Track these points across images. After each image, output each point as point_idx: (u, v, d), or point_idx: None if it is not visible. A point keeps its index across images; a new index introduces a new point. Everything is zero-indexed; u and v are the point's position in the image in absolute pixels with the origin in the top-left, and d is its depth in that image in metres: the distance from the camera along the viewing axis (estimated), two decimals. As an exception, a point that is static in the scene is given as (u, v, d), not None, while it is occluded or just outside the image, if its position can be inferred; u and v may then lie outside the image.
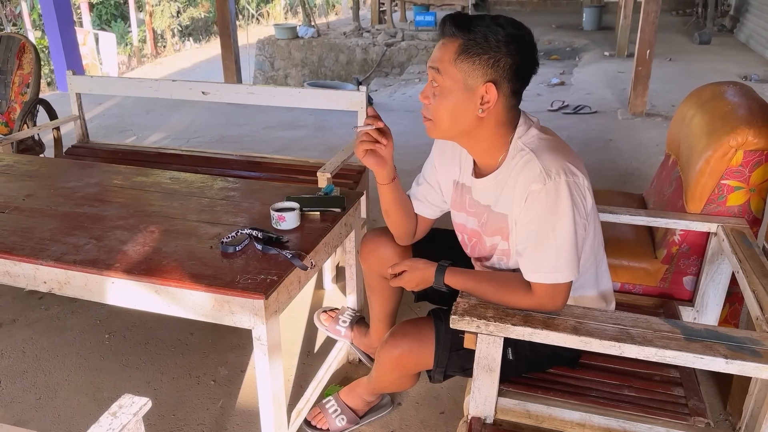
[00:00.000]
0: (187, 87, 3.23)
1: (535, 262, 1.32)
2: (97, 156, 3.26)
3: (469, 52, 1.26)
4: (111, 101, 6.28)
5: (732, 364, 1.19)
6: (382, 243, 1.73)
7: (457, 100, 1.30)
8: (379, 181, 1.54)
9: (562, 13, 12.84)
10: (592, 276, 1.50)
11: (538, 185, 1.28)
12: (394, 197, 1.58)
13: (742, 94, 1.98)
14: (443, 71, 1.29)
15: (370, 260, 1.78)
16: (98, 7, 14.51)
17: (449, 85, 1.29)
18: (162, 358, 2.23)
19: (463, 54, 1.27)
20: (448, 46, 1.29)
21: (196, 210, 1.91)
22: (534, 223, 1.30)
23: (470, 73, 1.27)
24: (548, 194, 1.27)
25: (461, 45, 1.27)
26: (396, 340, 1.55)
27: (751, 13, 8.97)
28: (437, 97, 1.32)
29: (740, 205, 1.81)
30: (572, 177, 1.28)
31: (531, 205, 1.30)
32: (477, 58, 1.26)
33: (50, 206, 1.94)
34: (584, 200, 1.32)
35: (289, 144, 4.91)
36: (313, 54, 10.73)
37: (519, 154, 1.34)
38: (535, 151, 1.31)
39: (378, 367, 1.66)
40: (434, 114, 1.34)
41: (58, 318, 2.48)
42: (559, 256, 1.29)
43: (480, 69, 1.27)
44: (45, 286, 1.65)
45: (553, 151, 1.31)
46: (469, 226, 1.54)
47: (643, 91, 5.34)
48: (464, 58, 1.27)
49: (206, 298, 1.48)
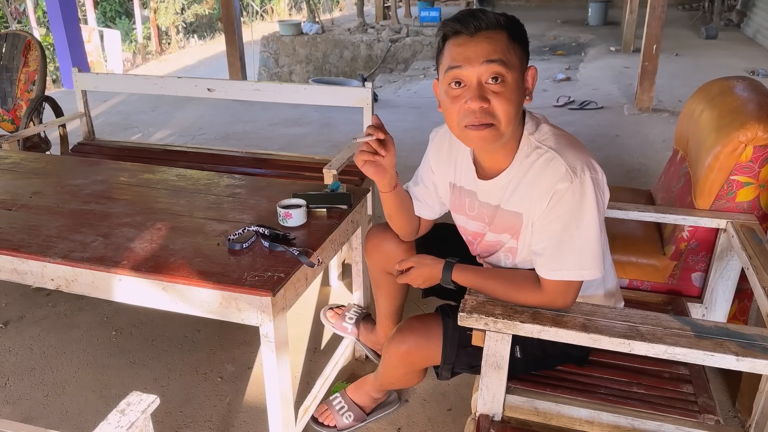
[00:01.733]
0: (192, 84, 3.22)
1: (558, 260, 1.29)
2: (103, 153, 3.26)
3: (517, 39, 1.24)
4: (116, 98, 6.29)
5: (743, 362, 1.18)
6: (386, 238, 1.73)
7: (521, 90, 1.26)
8: (380, 189, 1.53)
9: (567, 8, 12.79)
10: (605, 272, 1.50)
11: (565, 184, 1.25)
12: (395, 203, 1.57)
13: (752, 89, 1.96)
14: (508, 61, 1.21)
15: (375, 256, 1.78)
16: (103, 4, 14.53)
17: (515, 76, 1.22)
18: (169, 354, 2.24)
19: (513, 42, 1.23)
20: (498, 37, 1.21)
21: (203, 207, 1.91)
22: (559, 221, 1.28)
23: (522, 58, 1.25)
24: (575, 192, 1.25)
25: (509, 35, 1.23)
26: (403, 336, 1.54)
27: (758, 7, 8.90)
28: (503, 95, 1.21)
29: (750, 200, 1.80)
30: (595, 173, 1.28)
31: (557, 203, 1.27)
32: (523, 45, 1.25)
33: (57, 204, 1.94)
34: (604, 196, 1.32)
35: (295, 141, 4.91)
36: (318, 50, 10.73)
37: (536, 152, 1.31)
38: (557, 149, 1.29)
39: (385, 362, 1.66)
40: (502, 114, 1.23)
41: (66, 315, 2.49)
42: (584, 253, 1.28)
43: (525, 54, 1.27)
44: (52, 283, 1.65)
45: (574, 148, 1.30)
46: (470, 228, 1.53)
47: (649, 87, 5.31)
48: (516, 45, 1.23)
49: (213, 296, 1.48)
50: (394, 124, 5.20)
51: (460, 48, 1.22)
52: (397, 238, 1.72)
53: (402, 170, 1.63)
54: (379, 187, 1.52)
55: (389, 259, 1.73)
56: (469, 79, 1.22)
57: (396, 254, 1.71)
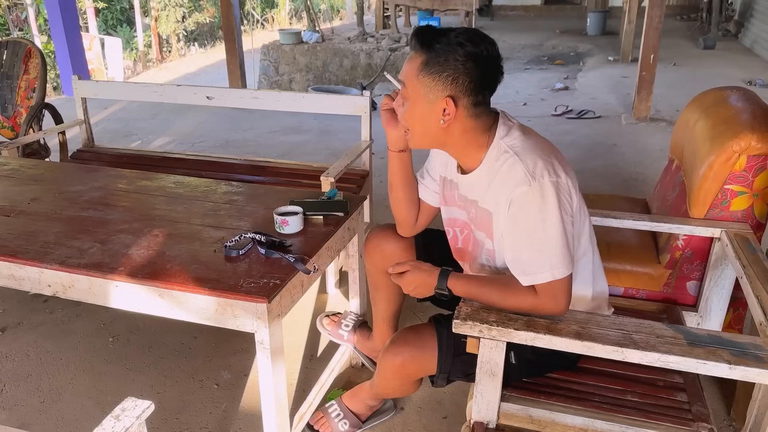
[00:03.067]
0: (191, 92, 3.24)
1: (529, 266, 1.33)
2: (102, 160, 3.27)
3: (430, 69, 1.32)
4: (116, 106, 6.31)
5: (735, 370, 1.18)
6: (386, 239, 1.75)
7: (422, 111, 1.37)
8: (389, 147, 1.59)
9: (566, 18, 12.85)
10: (588, 275, 1.51)
11: (523, 188, 1.31)
12: (400, 169, 1.62)
13: (746, 99, 1.98)
14: (408, 84, 1.37)
15: (375, 256, 1.79)
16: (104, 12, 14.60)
17: (413, 97, 1.37)
18: (166, 361, 2.24)
19: (425, 70, 1.33)
20: (414, 61, 1.35)
21: (200, 214, 1.92)
22: (522, 227, 1.33)
23: (431, 88, 1.34)
24: (534, 196, 1.30)
25: (423, 62, 1.33)
26: (397, 348, 1.55)
27: (756, 18, 8.95)
28: (405, 107, 1.40)
29: (744, 210, 1.81)
30: (556, 177, 1.32)
31: (518, 209, 1.33)
32: (437, 75, 1.32)
33: (55, 210, 1.95)
34: (570, 199, 1.34)
35: (294, 148, 4.93)
36: (318, 59, 10.76)
37: (503, 156, 1.37)
38: (519, 154, 1.35)
39: (380, 374, 1.67)
40: (406, 123, 1.42)
41: (63, 321, 2.49)
42: (553, 255, 1.31)
43: (440, 85, 1.33)
44: (49, 289, 1.65)
45: (536, 152, 1.35)
46: (461, 219, 1.56)
47: (647, 96, 5.33)
48: (426, 74, 1.33)
49: (209, 302, 1.49)
50: (392, 133, 5.21)
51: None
52: (397, 238, 1.74)
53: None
54: (389, 143, 1.58)
55: (389, 260, 1.74)
56: None
57: (396, 255, 1.73)
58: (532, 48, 9.76)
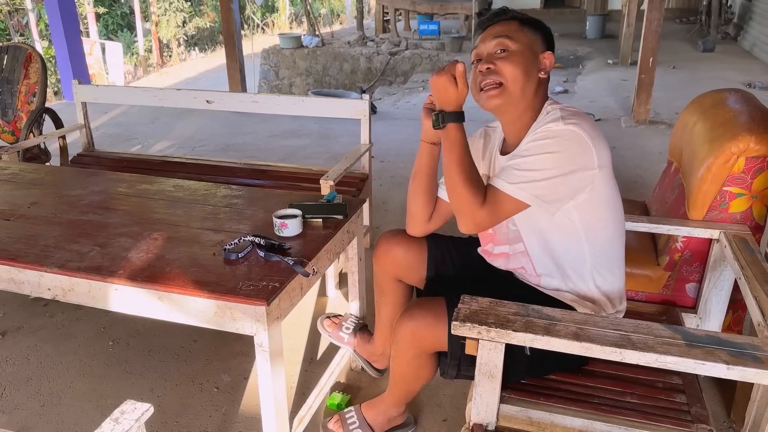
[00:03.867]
0: (191, 96, 3.25)
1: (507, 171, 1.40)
2: (103, 164, 3.29)
3: (530, 26, 1.49)
4: (117, 110, 6.33)
5: (733, 370, 1.18)
6: (397, 243, 1.75)
7: (528, 60, 1.45)
8: (422, 138, 1.61)
9: (565, 21, 12.88)
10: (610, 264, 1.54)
11: (552, 123, 1.40)
12: (429, 161, 1.63)
13: (744, 101, 1.98)
14: (513, 37, 1.45)
15: (385, 261, 1.78)
16: (105, 18, 14.65)
17: (520, 47, 1.45)
18: (165, 365, 2.24)
19: (526, 26, 1.48)
20: (508, 23, 1.48)
21: (200, 217, 1.92)
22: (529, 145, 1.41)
23: (534, 40, 1.48)
24: (556, 130, 1.38)
25: (521, 21, 1.48)
26: (411, 313, 1.53)
27: (755, 20, 8.97)
28: (508, 59, 1.44)
29: (742, 211, 1.81)
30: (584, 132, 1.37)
31: (537, 134, 1.41)
32: (537, 32, 1.49)
33: (55, 214, 1.96)
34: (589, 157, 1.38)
35: (294, 152, 4.94)
36: (318, 63, 10.79)
37: (547, 116, 1.46)
38: (560, 110, 1.44)
39: (395, 348, 1.61)
40: (507, 74, 1.44)
41: (63, 325, 2.49)
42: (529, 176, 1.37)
43: (539, 40, 1.49)
44: (49, 293, 1.66)
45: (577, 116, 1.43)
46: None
47: (646, 99, 5.35)
48: (527, 29, 1.48)
49: (208, 305, 1.49)
50: (391, 136, 5.23)
51: (482, 34, 1.51)
52: (408, 243, 1.74)
53: (401, 182, 1.65)
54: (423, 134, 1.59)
55: (399, 266, 1.75)
56: (483, 53, 1.48)
57: (407, 260, 1.74)
58: (532, 51, 9.75)
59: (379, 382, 2.08)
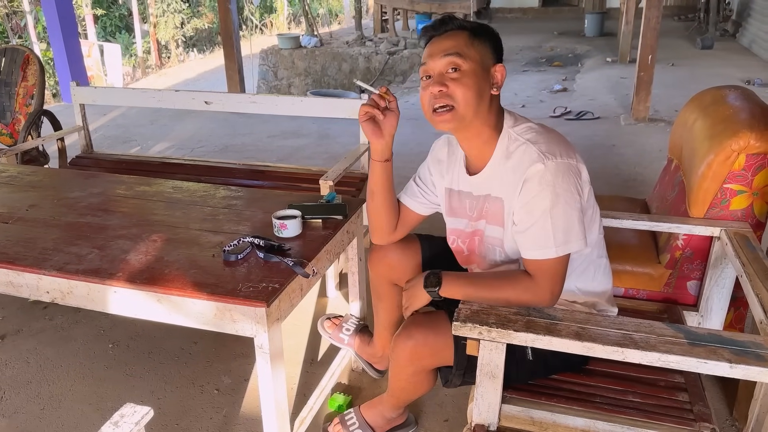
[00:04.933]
0: (190, 97, 3.24)
1: (543, 238, 1.35)
2: (101, 166, 3.28)
3: (479, 37, 1.39)
4: (115, 112, 6.32)
5: (736, 369, 1.18)
6: (391, 248, 1.74)
7: (480, 78, 1.38)
8: (372, 156, 1.57)
9: (564, 19, 12.87)
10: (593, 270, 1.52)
11: (538, 166, 1.33)
12: (382, 178, 1.59)
13: (744, 98, 1.97)
14: (464, 54, 1.37)
15: (380, 267, 1.77)
16: (103, 19, 14.63)
17: (472, 66, 1.37)
18: (165, 367, 2.23)
19: (476, 38, 1.38)
20: (458, 35, 1.38)
21: (199, 219, 1.92)
22: (534, 203, 1.35)
23: (484, 54, 1.39)
24: (548, 173, 1.33)
25: (470, 33, 1.39)
26: (409, 331, 1.51)
27: (753, 17, 8.96)
28: (459, 80, 1.37)
29: (743, 209, 1.81)
30: (568, 159, 1.35)
31: (531, 186, 1.34)
32: (487, 42, 1.40)
33: (53, 216, 1.95)
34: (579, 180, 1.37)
35: (293, 152, 4.93)
36: (317, 63, 10.78)
37: (514, 143, 1.40)
38: (530, 140, 1.39)
39: (393, 363, 1.60)
40: (460, 97, 1.37)
41: (63, 328, 2.49)
42: (559, 232, 1.33)
43: (489, 51, 1.40)
44: (48, 296, 1.65)
45: (548, 139, 1.39)
46: (468, 230, 1.55)
47: (645, 97, 5.34)
48: (478, 42, 1.39)
49: (208, 307, 1.48)
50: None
51: (429, 47, 1.41)
52: (402, 248, 1.73)
53: (401, 182, 1.65)
54: (372, 153, 1.56)
55: (394, 271, 1.74)
56: (434, 71, 1.39)
57: (401, 265, 1.72)
58: (530, 50, 9.77)
59: (380, 383, 2.07)
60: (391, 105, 1.49)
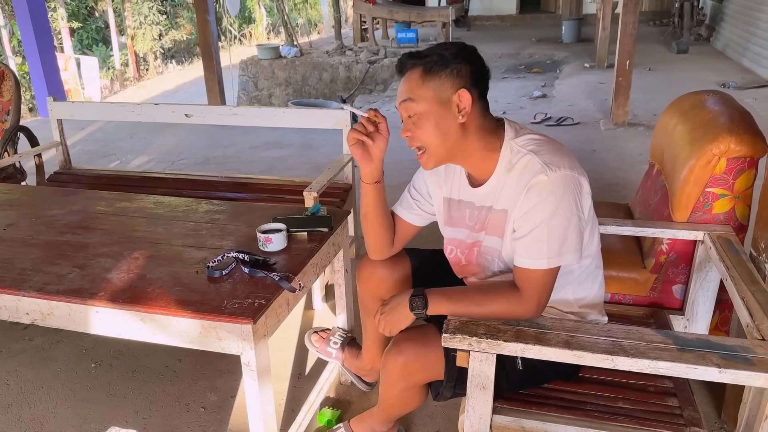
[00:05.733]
0: (170, 110, 3.21)
1: (530, 248, 1.35)
2: (80, 182, 3.23)
3: (432, 71, 1.36)
4: (93, 126, 6.24)
5: (725, 374, 1.18)
6: (381, 264, 1.72)
7: (437, 116, 1.37)
8: (363, 179, 1.57)
9: (541, 26, 13.01)
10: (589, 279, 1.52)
11: (541, 177, 1.33)
12: (374, 200, 1.59)
13: (722, 103, 2.00)
14: (415, 97, 1.37)
15: (369, 283, 1.75)
16: (79, 32, 14.50)
17: (425, 106, 1.37)
18: (150, 386, 2.19)
19: (427, 75, 1.36)
20: (412, 76, 1.38)
21: (182, 234, 1.89)
22: (536, 213, 1.34)
23: (440, 87, 1.36)
24: (551, 185, 1.33)
25: (423, 69, 1.37)
26: (400, 347, 1.50)
27: (726, 21, 9.13)
28: (418, 124, 1.38)
29: (726, 212, 1.82)
30: (571, 172, 1.35)
31: (533, 195, 1.34)
32: (441, 73, 1.36)
33: (32, 235, 1.91)
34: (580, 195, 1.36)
35: (275, 163, 4.90)
36: (297, 73, 10.76)
37: (517, 155, 1.39)
38: (533, 151, 1.38)
39: (383, 379, 1.59)
40: (423, 140, 1.39)
41: (43, 349, 2.43)
42: (553, 244, 1.33)
43: (447, 81, 1.36)
44: (27, 317, 1.61)
45: (551, 150, 1.38)
46: (469, 240, 1.54)
47: (624, 101, 5.40)
48: (430, 77, 1.36)
49: (193, 325, 1.46)
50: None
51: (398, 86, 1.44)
52: (391, 263, 1.71)
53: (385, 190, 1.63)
54: (362, 176, 1.56)
55: (383, 286, 1.72)
56: (401, 116, 1.43)
57: (390, 280, 1.71)
58: (509, 57, 9.85)
59: (370, 396, 2.05)
60: (381, 127, 1.47)
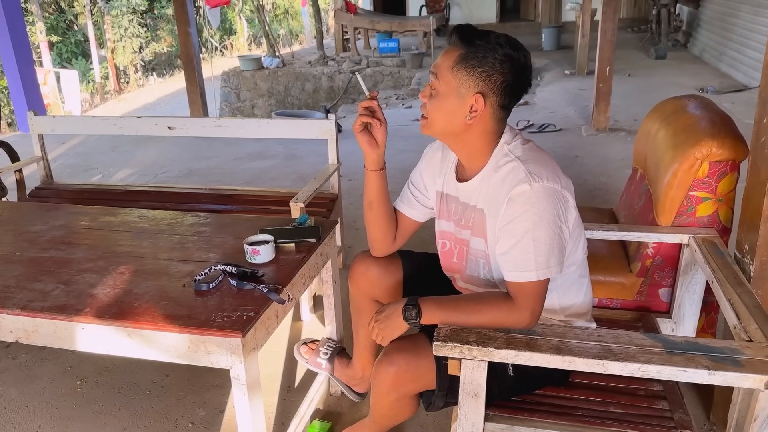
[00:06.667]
0: (153, 122, 3.19)
1: (525, 260, 1.34)
2: (62, 197, 3.19)
3: (466, 63, 1.36)
4: (75, 140, 6.17)
5: (714, 376, 1.19)
6: (374, 263, 1.73)
7: (450, 104, 1.39)
8: (367, 167, 1.59)
9: (521, 34, 13.02)
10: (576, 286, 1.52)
11: (523, 186, 1.34)
12: (379, 187, 1.61)
13: (703, 107, 2.03)
14: (440, 76, 1.39)
15: (362, 282, 1.76)
16: (58, 46, 14.38)
17: (444, 89, 1.39)
18: (137, 402, 2.16)
19: (460, 64, 1.36)
20: (450, 54, 1.38)
21: (167, 248, 1.87)
22: (519, 225, 1.34)
23: (464, 82, 1.37)
24: (532, 196, 1.33)
25: (460, 55, 1.36)
26: (391, 357, 1.49)
27: (702, 27, 9.29)
28: (433, 98, 1.41)
29: (709, 215, 1.85)
30: (554, 184, 1.35)
31: (515, 207, 1.34)
32: (472, 70, 1.36)
33: (14, 252, 1.88)
34: (565, 207, 1.37)
35: (260, 174, 4.88)
36: (279, 84, 10.76)
37: (504, 158, 1.42)
38: (520, 158, 1.39)
39: (374, 390, 1.58)
40: (429, 113, 1.43)
41: (27, 367, 2.39)
42: (540, 255, 1.33)
43: (473, 80, 1.36)
44: (12, 335, 1.58)
45: (537, 159, 1.40)
46: (456, 235, 1.56)
47: (605, 107, 5.46)
48: (461, 67, 1.36)
49: (181, 340, 1.44)
50: (358, 153, 5.16)
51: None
52: (384, 263, 1.72)
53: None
54: (367, 164, 1.59)
55: (375, 286, 1.72)
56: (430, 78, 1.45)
57: (383, 280, 1.71)
58: (491, 64, 9.91)
59: (360, 407, 2.04)
60: (378, 115, 1.52)
